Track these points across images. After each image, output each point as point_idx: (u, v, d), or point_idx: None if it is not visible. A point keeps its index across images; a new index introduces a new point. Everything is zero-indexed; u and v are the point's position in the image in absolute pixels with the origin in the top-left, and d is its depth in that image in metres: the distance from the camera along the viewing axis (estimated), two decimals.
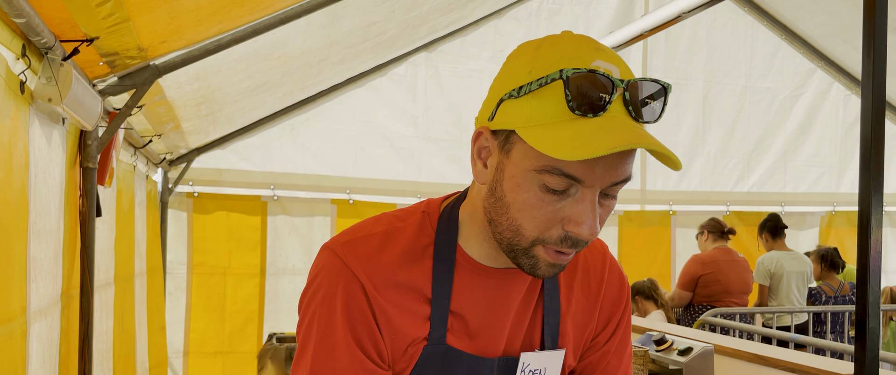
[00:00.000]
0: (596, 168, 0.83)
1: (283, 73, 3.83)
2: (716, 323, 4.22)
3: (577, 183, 0.83)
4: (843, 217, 6.17)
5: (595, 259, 1.07)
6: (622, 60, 0.88)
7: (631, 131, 0.81)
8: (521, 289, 0.99)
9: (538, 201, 0.85)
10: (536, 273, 0.90)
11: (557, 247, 0.87)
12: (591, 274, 1.06)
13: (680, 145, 5.73)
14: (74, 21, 1.79)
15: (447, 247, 0.96)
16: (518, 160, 0.86)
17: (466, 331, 0.97)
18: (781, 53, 5.75)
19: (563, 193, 0.84)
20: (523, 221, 0.86)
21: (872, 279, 1.99)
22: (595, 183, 0.84)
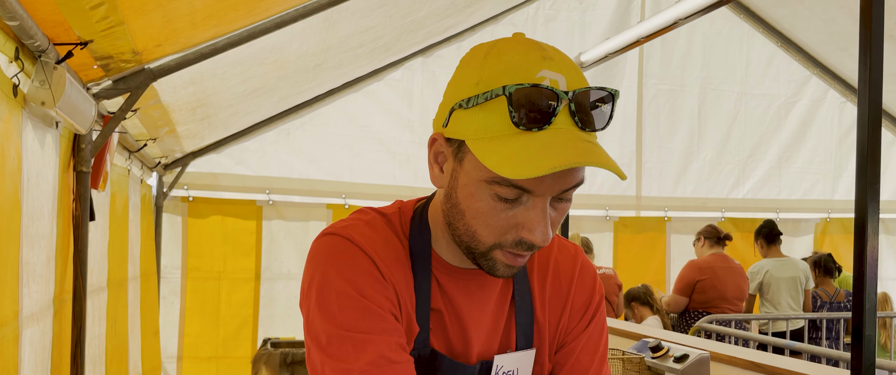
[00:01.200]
0: (544, 180, 0.84)
1: (278, 77, 3.82)
2: (711, 330, 4.22)
3: (524, 192, 0.85)
4: (838, 224, 6.18)
5: (566, 260, 1.09)
6: (572, 65, 0.88)
7: (575, 146, 0.82)
8: (494, 291, 1.01)
9: (491, 210, 0.87)
10: (495, 274, 0.92)
11: (513, 250, 0.89)
12: (562, 274, 1.07)
13: (675, 151, 5.74)
14: (68, 24, 1.78)
15: (422, 249, 0.98)
16: (470, 170, 0.88)
17: (444, 332, 0.99)
18: (777, 59, 5.76)
19: (514, 201, 0.86)
20: (478, 227, 0.89)
21: (869, 286, 1.98)
22: (544, 193, 0.86)
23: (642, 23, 2.96)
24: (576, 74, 0.87)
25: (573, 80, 0.86)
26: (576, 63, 3.02)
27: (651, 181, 5.75)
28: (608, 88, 0.86)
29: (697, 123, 5.74)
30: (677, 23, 2.73)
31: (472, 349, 1.00)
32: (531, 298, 1.04)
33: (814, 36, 5.53)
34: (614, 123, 5.55)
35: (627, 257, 5.77)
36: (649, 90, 5.61)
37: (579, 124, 0.84)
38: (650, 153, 5.70)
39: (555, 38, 5.26)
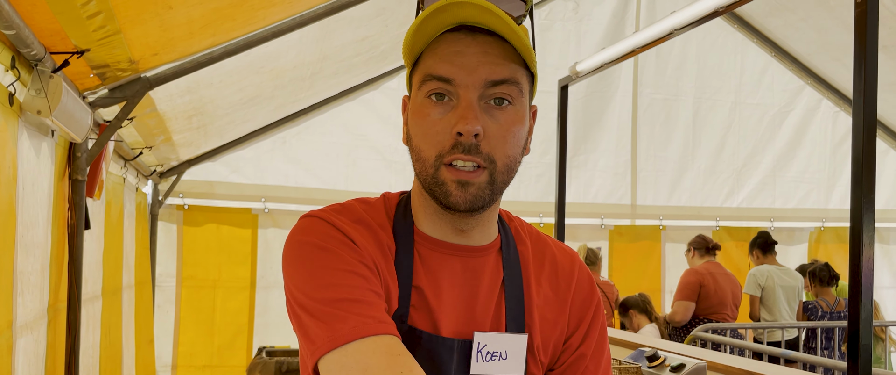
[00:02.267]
0: (463, 67, 0.90)
1: (275, 86, 3.82)
2: (707, 338, 4.22)
3: (449, 85, 0.91)
4: (832, 233, 6.20)
5: (564, 259, 1.09)
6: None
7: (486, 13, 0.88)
8: (481, 271, 1.01)
9: (427, 117, 0.92)
10: (449, 200, 0.93)
11: (453, 158, 0.91)
12: (560, 272, 1.07)
13: (670, 160, 5.75)
14: (65, 33, 1.78)
15: (405, 227, 1.00)
16: (414, 91, 0.96)
17: (427, 309, 0.98)
18: (771, 69, 5.79)
19: (445, 102, 0.92)
20: (422, 143, 0.93)
21: (864, 296, 1.99)
22: (466, 81, 0.91)
23: (637, 33, 2.97)
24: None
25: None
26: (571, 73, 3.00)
27: (646, 190, 5.76)
28: None
29: (692, 132, 5.76)
30: (672, 33, 2.73)
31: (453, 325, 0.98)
32: (523, 284, 1.03)
33: (807, 46, 5.56)
34: (609, 132, 5.60)
35: (623, 265, 5.78)
36: (644, 100, 5.63)
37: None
38: (645, 162, 5.72)
39: (550, 48, 5.28)
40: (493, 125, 0.92)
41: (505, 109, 0.93)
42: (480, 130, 0.90)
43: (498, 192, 0.96)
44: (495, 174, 0.93)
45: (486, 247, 1.02)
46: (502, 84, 0.92)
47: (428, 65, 0.93)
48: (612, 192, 5.69)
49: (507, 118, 0.93)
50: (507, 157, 0.94)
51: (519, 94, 0.94)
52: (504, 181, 0.95)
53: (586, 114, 5.49)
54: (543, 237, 1.11)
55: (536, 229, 1.12)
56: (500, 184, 0.95)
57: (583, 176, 5.57)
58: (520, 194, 5.41)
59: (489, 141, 0.92)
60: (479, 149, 0.91)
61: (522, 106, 0.95)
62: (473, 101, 0.91)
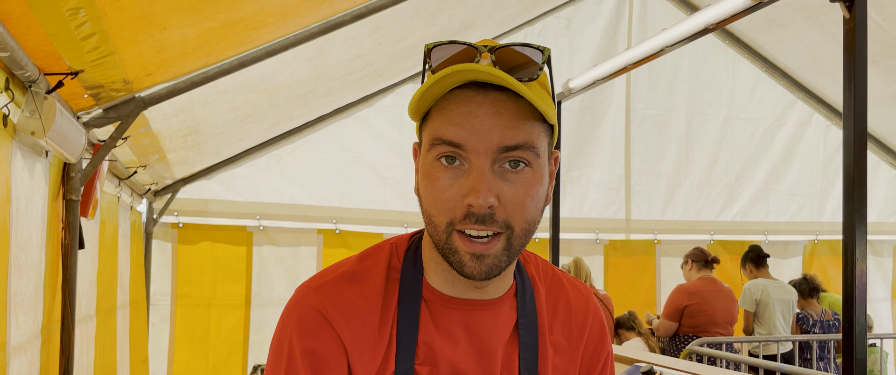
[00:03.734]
0: (474, 131, 0.84)
1: (269, 104, 3.83)
2: (703, 353, 4.22)
3: (460, 150, 0.85)
4: (826, 246, 6.22)
5: (579, 302, 1.05)
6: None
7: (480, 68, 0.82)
8: (494, 323, 0.96)
9: (437, 181, 0.87)
10: (463, 270, 0.88)
11: (465, 227, 0.86)
12: (574, 317, 1.03)
13: (664, 174, 5.78)
14: (59, 54, 1.79)
15: (413, 280, 0.96)
16: (424, 150, 0.90)
17: (435, 364, 0.95)
18: (762, 84, 5.83)
19: (456, 166, 0.86)
20: (432, 208, 0.88)
21: (858, 309, 2.00)
22: (477, 147, 0.84)
23: (629, 50, 2.99)
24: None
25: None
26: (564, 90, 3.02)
27: (640, 205, 5.78)
28: (535, 45, 0.86)
29: (685, 147, 5.79)
30: (663, 50, 2.76)
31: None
32: (537, 333, 0.99)
33: (798, 61, 5.61)
34: (603, 147, 5.62)
35: (618, 280, 5.78)
36: (637, 115, 5.66)
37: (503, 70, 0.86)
38: (639, 177, 5.74)
39: None
40: (509, 190, 0.86)
41: (521, 172, 0.86)
42: (494, 201, 0.85)
43: (515, 255, 0.90)
44: (512, 240, 0.88)
45: (500, 298, 0.97)
46: (517, 149, 0.85)
47: (436, 126, 0.87)
48: (606, 207, 5.71)
49: (525, 182, 0.87)
50: (525, 222, 0.88)
51: (535, 156, 0.87)
52: (522, 244, 0.90)
53: (580, 129, 5.52)
54: (559, 276, 1.06)
55: (552, 266, 1.07)
56: (517, 248, 0.89)
57: (577, 191, 5.59)
58: None
59: (505, 208, 0.86)
60: (494, 218, 0.85)
61: (540, 166, 0.88)
62: (486, 169, 0.85)
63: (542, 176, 0.89)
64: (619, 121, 5.65)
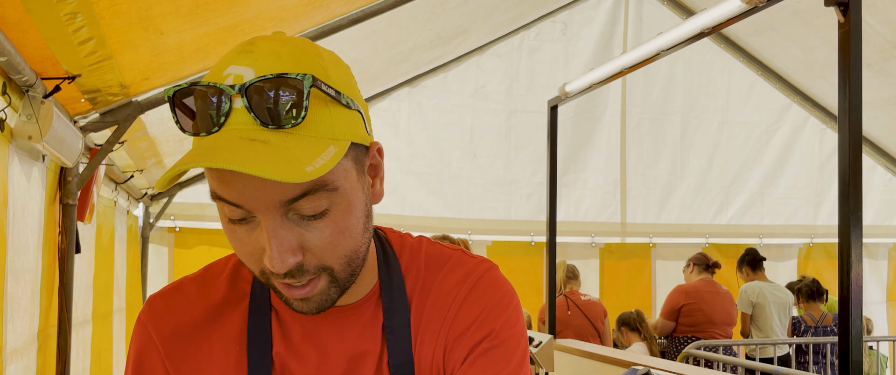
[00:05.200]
0: (246, 189, 0.71)
1: None
2: (699, 356, 4.23)
3: (241, 208, 0.73)
4: (821, 249, 6.24)
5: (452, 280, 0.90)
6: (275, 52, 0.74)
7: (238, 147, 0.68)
8: (355, 329, 0.87)
9: (234, 234, 0.77)
10: (293, 308, 0.80)
11: (276, 280, 0.77)
12: (443, 298, 0.89)
13: (659, 178, 5.79)
14: (56, 59, 1.79)
15: (262, 290, 0.89)
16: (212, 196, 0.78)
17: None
18: (757, 88, 5.85)
19: (243, 221, 0.75)
20: (240, 257, 0.78)
21: (854, 312, 2.00)
22: (256, 206, 0.72)
23: (625, 54, 3.00)
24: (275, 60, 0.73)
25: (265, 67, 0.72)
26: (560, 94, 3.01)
27: (635, 208, 5.79)
28: (290, 76, 0.70)
29: (680, 150, 5.80)
30: (659, 54, 2.77)
31: None
32: (409, 331, 0.87)
33: (793, 65, 5.63)
34: (599, 151, 5.64)
35: (613, 283, 5.79)
36: (632, 119, 5.68)
37: (262, 120, 0.70)
38: (634, 181, 5.75)
39: (539, 68, 5.32)
40: (313, 237, 0.75)
41: (321, 216, 0.74)
42: (295, 258, 0.74)
43: (349, 283, 0.80)
44: (336, 274, 0.78)
45: (359, 302, 0.87)
46: (304, 197, 0.72)
47: (210, 179, 0.75)
48: (601, 210, 5.72)
49: (329, 223, 0.75)
50: (343, 257, 0.77)
51: (332, 191, 0.74)
52: (351, 273, 0.80)
53: (575, 133, 5.53)
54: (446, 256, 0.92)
55: (443, 246, 0.94)
56: (347, 278, 0.79)
57: (573, 195, 5.60)
58: (511, 213, 5.42)
59: (314, 254, 0.75)
60: (303, 269, 0.75)
61: (344, 194, 0.76)
62: (276, 226, 0.73)
63: (351, 203, 0.77)
64: (614, 125, 5.66)
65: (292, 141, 0.70)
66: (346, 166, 0.76)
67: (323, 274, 0.77)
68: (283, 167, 0.67)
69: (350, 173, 0.77)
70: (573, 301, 4.76)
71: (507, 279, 0.94)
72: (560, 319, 4.68)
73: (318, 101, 0.73)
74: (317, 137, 0.72)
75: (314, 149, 0.71)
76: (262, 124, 0.71)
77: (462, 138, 5.27)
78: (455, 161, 5.27)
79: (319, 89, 0.72)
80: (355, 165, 0.78)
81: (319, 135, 0.72)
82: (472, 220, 5.29)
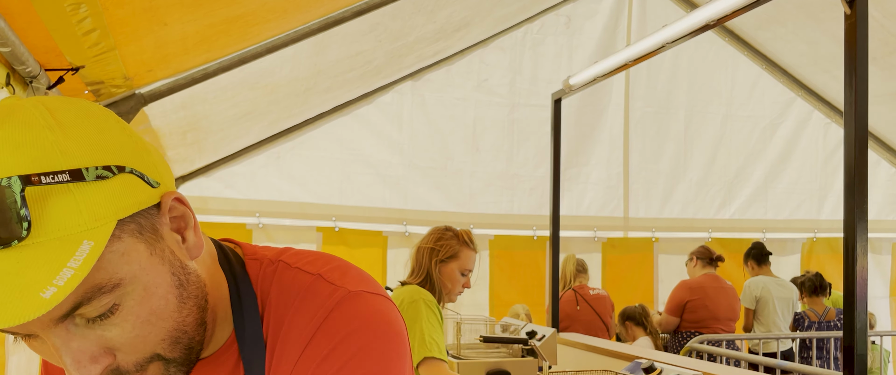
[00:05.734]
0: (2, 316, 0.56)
1: (269, 101, 3.83)
2: (703, 350, 4.22)
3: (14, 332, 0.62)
4: (825, 244, 6.23)
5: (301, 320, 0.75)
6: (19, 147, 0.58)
7: None
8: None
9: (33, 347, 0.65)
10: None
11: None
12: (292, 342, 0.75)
13: (662, 172, 5.78)
14: (60, 50, 1.79)
15: None
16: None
17: None
18: (762, 82, 5.83)
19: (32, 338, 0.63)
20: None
21: (859, 305, 2.00)
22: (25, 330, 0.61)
23: (629, 47, 3.00)
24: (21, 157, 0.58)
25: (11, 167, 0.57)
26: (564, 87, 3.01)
27: (638, 203, 5.78)
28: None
29: (683, 144, 5.79)
30: (664, 47, 2.76)
31: None
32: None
33: (798, 58, 5.61)
34: (602, 145, 5.64)
35: (616, 277, 5.79)
36: (635, 113, 5.67)
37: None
38: (637, 175, 5.74)
39: (543, 62, 5.31)
40: (115, 335, 0.63)
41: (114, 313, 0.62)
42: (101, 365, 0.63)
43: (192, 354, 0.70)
44: (167, 357, 0.67)
45: (218, 352, 0.77)
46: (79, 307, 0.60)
47: None
48: (604, 204, 5.71)
49: (127, 317, 0.63)
50: (163, 341, 0.66)
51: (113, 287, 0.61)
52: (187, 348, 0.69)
53: (579, 127, 5.52)
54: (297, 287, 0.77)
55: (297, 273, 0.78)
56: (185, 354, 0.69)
57: (575, 189, 5.59)
58: (513, 208, 5.42)
59: (126, 351, 0.64)
60: (121, 369, 0.65)
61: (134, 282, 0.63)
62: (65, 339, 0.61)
63: (147, 287, 0.64)
64: (617, 119, 5.65)
65: (25, 258, 0.56)
66: (125, 247, 0.62)
67: (151, 365, 0.66)
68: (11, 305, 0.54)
69: (133, 252, 0.63)
70: (582, 296, 4.76)
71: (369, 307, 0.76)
72: (569, 314, 4.68)
73: (50, 195, 0.58)
74: (59, 240, 0.57)
75: (57, 258, 0.56)
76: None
77: (465, 132, 5.26)
78: (458, 155, 5.26)
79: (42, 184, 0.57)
80: (142, 236, 0.64)
81: (63, 235, 0.58)
82: (475, 214, 5.29)
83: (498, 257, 5.40)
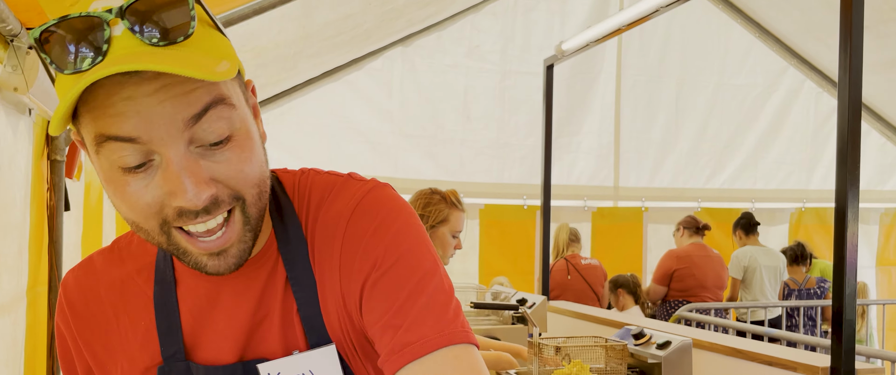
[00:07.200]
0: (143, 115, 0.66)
1: (256, 65, 3.77)
2: (691, 318, 4.25)
3: (138, 143, 0.67)
4: (813, 214, 6.26)
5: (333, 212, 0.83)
6: None
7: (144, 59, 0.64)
8: (256, 285, 0.82)
9: (126, 187, 0.70)
10: (207, 271, 0.75)
11: (185, 224, 0.71)
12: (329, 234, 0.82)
13: (653, 141, 5.77)
14: (41, 8, 1.74)
15: (164, 259, 0.85)
16: (93, 154, 0.71)
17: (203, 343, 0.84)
18: (755, 50, 5.81)
19: (142, 167, 0.69)
20: (132, 215, 0.72)
21: (849, 271, 2.00)
22: (158, 134, 0.67)
23: (622, 11, 2.96)
24: None
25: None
26: (556, 52, 2.97)
27: (629, 172, 5.78)
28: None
29: (675, 113, 5.77)
30: (658, 11, 2.73)
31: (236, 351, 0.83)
32: (314, 279, 0.82)
33: (791, 26, 5.58)
34: (593, 114, 5.61)
35: (605, 246, 5.80)
36: (627, 81, 5.63)
37: (150, 41, 0.66)
38: (628, 144, 5.73)
39: (535, 28, 5.26)
40: (220, 167, 0.71)
41: (224, 143, 0.71)
42: (210, 191, 0.70)
43: (259, 224, 0.77)
44: (248, 211, 0.74)
45: (258, 256, 0.83)
46: (208, 111, 0.69)
47: (95, 121, 0.67)
48: (595, 174, 5.70)
49: (234, 149, 0.72)
50: (254, 185, 0.74)
51: (232, 107, 0.71)
52: (261, 206, 0.76)
53: (570, 96, 5.49)
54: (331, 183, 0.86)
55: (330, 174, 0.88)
56: (258, 216, 0.76)
57: (566, 158, 5.57)
58: (503, 177, 5.40)
59: (226, 184, 0.72)
60: (218, 200, 0.71)
61: (241, 117, 0.73)
62: (182, 155, 0.69)
63: (248, 128, 0.74)
64: (609, 87, 5.62)
65: (189, 52, 0.67)
66: (237, 90, 0.74)
67: (235, 212, 0.73)
68: (194, 68, 0.64)
69: (241, 97, 0.75)
70: (573, 265, 4.77)
71: (397, 195, 0.85)
72: (560, 283, 4.69)
73: (201, 21, 0.70)
74: (207, 52, 0.69)
75: (213, 55, 0.68)
76: (151, 43, 0.66)
77: (456, 100, 5.22)
78: (448, 123, 5.23)
79: (202, 8, 0.70)
80: (244, 94, 0.76)
81: (208, 51, 0.69)
82: (465, 182, 5.27)
83: (488, 225, 5.40)
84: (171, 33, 0.67)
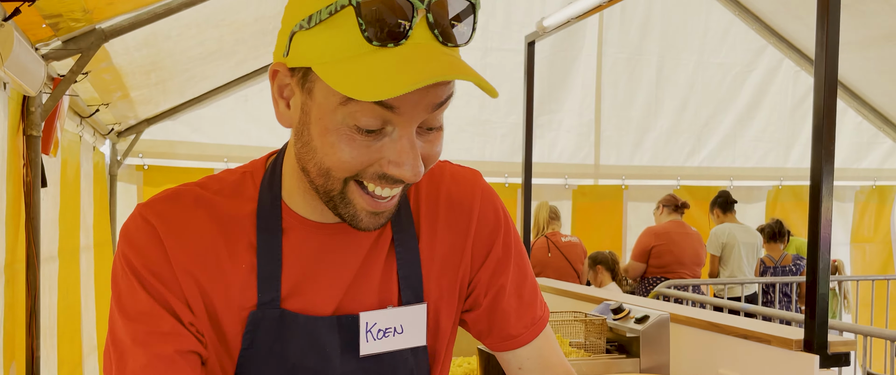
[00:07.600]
0: (408, 101, 0.74)
1: (235, 40, 3.73)
2: (670, 294, 4.30)
3: (392, 112, 0.75)
4: (790, 191, 6.34)
5: (462, 190, 0.97)
6: None
7: (438, 60, 0.72)
8: (363, 243, 0.90)
9: (350, 143, 0.76)
10: (359, 226, 0.81)
11: (372, 184, 0.78)
12: (457, 208, 0.95)
13: (633, 119, 5.79)
14: None
15: (271, 205, 0.88)
16: (322, 101, 0.77)
17: (301, 293, 0.88)
18: (734, 29, 5.83)
19: (377, 132, 0.76)
20: (332, 164, 0.78)
21: (822, 246, 2.03)
22: (412, 112, 0.75)
23: None
24: None
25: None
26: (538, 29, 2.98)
27: (609, 150, 5.81)
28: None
29: (655, 91, 5.80)
30: None
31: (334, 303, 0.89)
32: (418, 242, 0.92)
33: (771, 4, 5.61)
34: (574, 91, 5.61)
35: (586, 224, 5.84)
36: (608, 59, 5.64)
37: (440, 38, 0.75)
38: (608, 122, 5.75)
39: (517, 4, 5.24)
40: (429, 149, 0.81)
41: (438, 129, 0.81)
42: (420, 166, 0.79)
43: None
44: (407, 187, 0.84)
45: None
46: (444, 104, 0.78)
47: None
48: (575, 152, 5.72)
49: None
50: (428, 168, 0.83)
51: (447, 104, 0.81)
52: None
53: (551, 73, 5.49)
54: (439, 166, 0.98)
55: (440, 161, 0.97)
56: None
57: (547, 136, 5.59)
58: (485, 154, 5.41)
59: (426, 164, 0.81)
60: (419, 174, 0.79)
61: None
62: (414, 136, 0.78)
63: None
64: (590, 65, 5.62)
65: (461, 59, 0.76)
66: None
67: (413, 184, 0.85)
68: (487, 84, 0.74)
69: None
70: (554, 243, 4.80)
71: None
72: (541, 260, 4.72)
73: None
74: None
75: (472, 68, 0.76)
76: (440, 42, 0.75)
77: None
78: None
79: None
80: None
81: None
82: (446, 160, 5.27)
83: None
84: (456, 39, 0.76)
